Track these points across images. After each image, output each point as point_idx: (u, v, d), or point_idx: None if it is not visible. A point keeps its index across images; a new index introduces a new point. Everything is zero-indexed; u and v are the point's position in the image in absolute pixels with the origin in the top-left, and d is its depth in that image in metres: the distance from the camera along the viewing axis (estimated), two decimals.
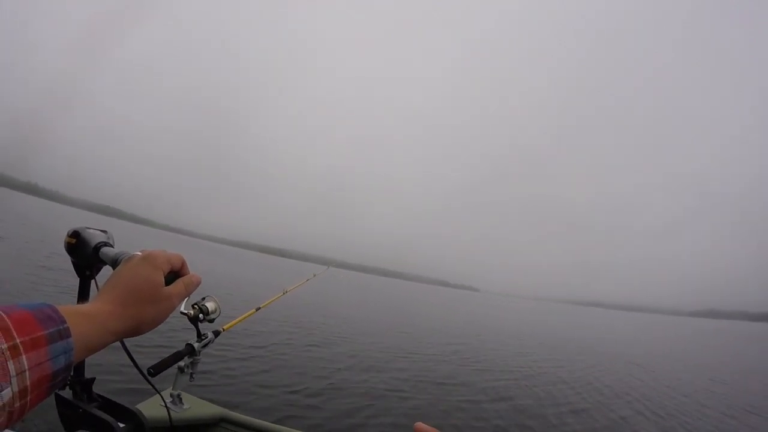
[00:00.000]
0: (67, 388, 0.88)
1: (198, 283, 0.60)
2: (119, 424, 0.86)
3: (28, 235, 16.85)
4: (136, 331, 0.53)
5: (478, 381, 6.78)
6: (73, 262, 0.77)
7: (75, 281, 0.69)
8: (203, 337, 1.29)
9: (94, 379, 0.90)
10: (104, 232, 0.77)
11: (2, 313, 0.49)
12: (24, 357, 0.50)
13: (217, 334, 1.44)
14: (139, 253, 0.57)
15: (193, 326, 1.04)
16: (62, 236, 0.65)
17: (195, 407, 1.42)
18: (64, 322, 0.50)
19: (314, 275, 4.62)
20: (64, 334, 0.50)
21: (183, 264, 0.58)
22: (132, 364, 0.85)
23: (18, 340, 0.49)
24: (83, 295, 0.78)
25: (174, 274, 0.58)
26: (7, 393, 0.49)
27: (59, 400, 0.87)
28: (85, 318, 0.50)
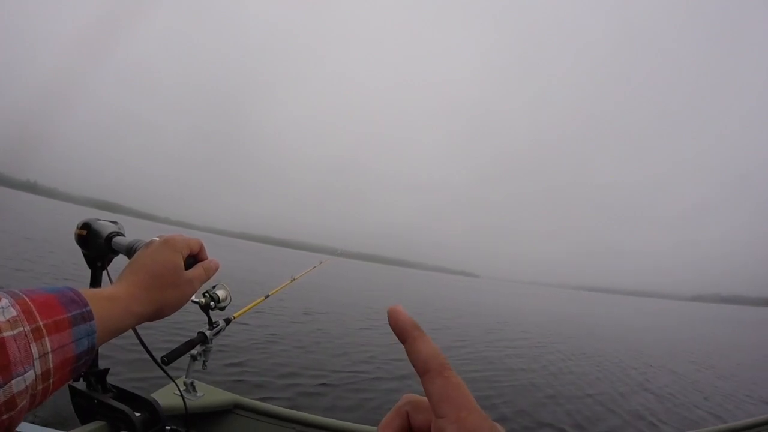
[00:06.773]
0: (81, 379, 0.87)
1: (216, 268, 0.61)
2: (135, 413, 0.85)
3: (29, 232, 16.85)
4: (158, 314, 0.53)
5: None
6: (84, 254, 0.75)
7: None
8: (215, 325, 1.29)
9: (108, 369, 0.90)
10: (115, 222, 0.75)
11: (25, 296, 0.48)
12: (47, 339, 0.48)
13: (228, 321, 1.45)
14: (157, 239, 0.57)
15: (204, 314, 1.03)
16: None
17: (209, 395, 1.43)
18: (87, 305, 0.49)
19: (321, 262, 4.70)
20: (87, 317, 0.49)
21: (201, 248, 0.59)
22: (145, 353, 0.84)
23: (41, 323, 0.48)
24: (95, 286, 0.77)
25: (192, 258, 0.58)
26: (30, 375, 0.48)
27: (73, 391, 0.86)
28: (107, 301, 0.49)
